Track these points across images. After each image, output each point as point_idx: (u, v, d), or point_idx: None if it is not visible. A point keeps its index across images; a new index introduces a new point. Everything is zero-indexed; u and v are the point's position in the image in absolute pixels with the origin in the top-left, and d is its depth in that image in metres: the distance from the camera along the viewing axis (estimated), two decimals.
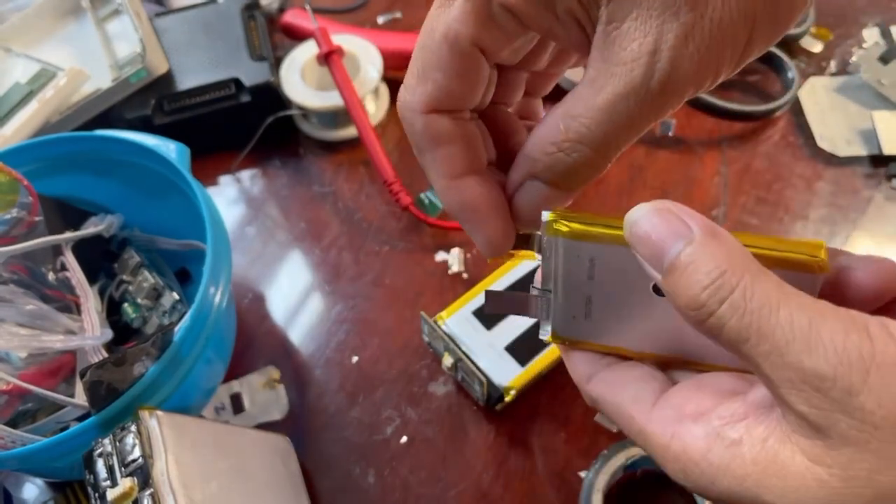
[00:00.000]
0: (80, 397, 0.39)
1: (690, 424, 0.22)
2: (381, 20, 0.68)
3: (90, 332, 0.42)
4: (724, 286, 0.20)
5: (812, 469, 0.19)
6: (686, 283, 0.20)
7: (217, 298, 0.39)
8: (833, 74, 0.61)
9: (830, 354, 0.19)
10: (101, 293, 0.47)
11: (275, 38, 0.63)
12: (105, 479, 0.33)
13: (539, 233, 0.25)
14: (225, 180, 0.59)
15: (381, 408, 0.46)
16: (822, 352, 0.19)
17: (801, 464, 0.19)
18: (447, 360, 0.44)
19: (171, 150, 0.46)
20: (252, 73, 0.57)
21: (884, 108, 0.56)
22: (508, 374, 0.43)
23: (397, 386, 0.47)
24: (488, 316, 0.46)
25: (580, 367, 0.26)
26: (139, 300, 0.47)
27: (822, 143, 0.56)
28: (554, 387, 0.46)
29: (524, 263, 0.49)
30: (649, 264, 0.22)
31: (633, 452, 0.41)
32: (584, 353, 0.26)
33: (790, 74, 0.59)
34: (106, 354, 0.41)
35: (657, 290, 0.24)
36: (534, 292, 0.26)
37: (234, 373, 0.48)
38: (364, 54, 0.59)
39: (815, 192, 0.54)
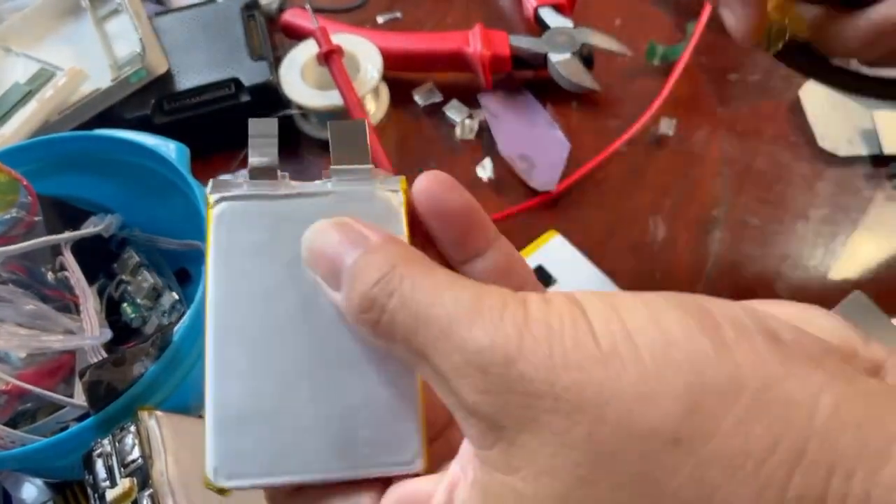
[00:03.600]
0: (80, 397, 0.39)
1: None
2: (381, 20, 0.68)
3: (89, 331, 0.42)
4: (394, 279, 0.19)
5: (508, 484, 0.17)
6: (359, 283, 0.19)
7: None
8: None
9: (488, 324, 0.17)
10: (101, 293, 0.47)
11: (274, 37, 0.63)
12: (104, 480, 0.33)
13: None
14: None
15: None
16: (481, 323, 0.17)
17: (499, 484, 0.17)
18: None
19: (170, 149, 0.46)
20: (252, 73, 0.57)
21: (884, 108, 0.56)
22: None
23: None
24: None
25: None
26: (139, 300, 0.47)
27: (823, 143, 0.56)
28: None
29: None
30: (327, 284, 0.20)
31: None
32: None
33: None
34: (105, 354, 0.41)
35: None
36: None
37: None
38: (364, 54, 0.59)
39: (816, 192, 0.54)
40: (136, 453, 0.33)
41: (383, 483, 0.20)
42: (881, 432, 0.15)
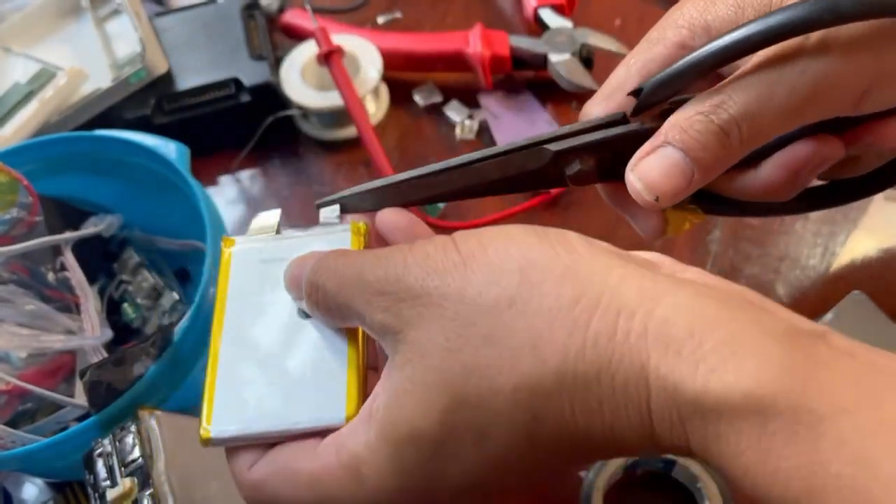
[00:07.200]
0: (80, 397, 0.39)
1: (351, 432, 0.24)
2: (381, 20, 0.68)
3: (90, 332, 0.42)
4: (324, 263, 0.25)
5: (404, 376, 0.22)
6: (306, 280, 0.26)
7: None
8: None
9: (384, 261, 0.23)
10: (101, 293, 0.47)
11: (275, 37, 0.63)
12: (105, 480, 0.33)
13: None
14: (225, 180, 0.59)
15: None
16: (380, 264, 0.23)
17: (399, 378, 0.22)
18: None
19: (170, 149, 0.46)
20: (252, 73, 0.57)
21: None
22: None
23: None
24: None
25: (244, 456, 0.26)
26: (139, 300, 0.47)
27: None
28: None
29: None
30: (296, 297, 0.27)
31: None
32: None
33: None
34: (106, 354, 0.41)
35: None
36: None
37: None
38: (364, 54, 0.59)
39: None
40: (136, 453, 0.33)
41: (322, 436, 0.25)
42: (655, 286, 0.21)
